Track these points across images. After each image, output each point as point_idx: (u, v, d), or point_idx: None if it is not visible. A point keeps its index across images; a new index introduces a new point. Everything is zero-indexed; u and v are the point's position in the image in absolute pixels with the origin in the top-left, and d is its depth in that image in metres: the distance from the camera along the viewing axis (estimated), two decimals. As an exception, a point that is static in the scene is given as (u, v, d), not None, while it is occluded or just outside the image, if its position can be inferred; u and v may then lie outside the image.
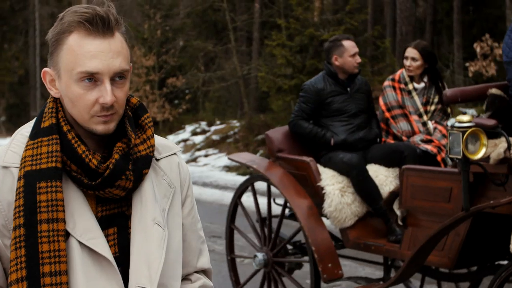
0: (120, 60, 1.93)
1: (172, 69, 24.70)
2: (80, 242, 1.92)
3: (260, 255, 5.82)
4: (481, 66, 14.01)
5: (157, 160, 2.12)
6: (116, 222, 2.00)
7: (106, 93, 1.89)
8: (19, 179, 1.92)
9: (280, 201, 5.89)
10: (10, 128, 36.38)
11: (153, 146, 2.06)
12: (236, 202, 6.19)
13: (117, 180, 1.94)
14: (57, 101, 2.02)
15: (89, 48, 1.89)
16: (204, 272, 2.25)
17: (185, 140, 22.57)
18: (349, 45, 5.64)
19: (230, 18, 21.39)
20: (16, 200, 1.90)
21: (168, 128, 24.20)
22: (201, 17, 25.31)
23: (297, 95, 15.81)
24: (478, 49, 14.05)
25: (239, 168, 17.79)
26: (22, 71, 36.58)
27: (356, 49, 5.67)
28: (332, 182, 5.37)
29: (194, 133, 23.02)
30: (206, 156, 20.49)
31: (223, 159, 19.17)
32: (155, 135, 2.12)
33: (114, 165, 1.94)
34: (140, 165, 2.01)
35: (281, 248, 5.77)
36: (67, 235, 1.92)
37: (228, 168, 18.20)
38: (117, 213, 2.01)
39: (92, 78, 1.90)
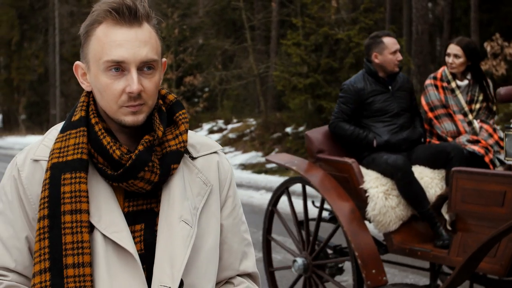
0: (147, 50, 1.90)
1: (189, 68, 24.88)
2: (104, 236, 1.90)
3: (300, 260, 5.58)
4: (491, 65, 14.13)
5: (194, 158, 2.08)
6: (144, 219, 1.97)
7: (132, 82, 1.87)
8: (46, 171, 1.92)
9: (318, 203, 5.68)
10: (30, 127, 36.75)
11: (184, 141, 2.02)
12: (272, 211, 5.92)
13: (140, 171, 1.90)
14: (90, 95, 2.01)
15: (115, 37, 1.88)
16: (249, 276, 2.18)
17: (202, 138, 22.88)
18: (390, 42, 5.41)
19: (247, 17, 21.61)
20: (42, 192, 1.90)
21: (185, 126, 24.32)
22: (220, 15, 25.52)
23: (312, 94, 16.20)
24: (488, 48, 14.17)
25: (255, 166, 17.95)
26: (42, 69, 36.82)
27: (397, 46, 5.41)
28: (375, 185, 5.14)
29: (211, 131, 23.25)
30: (222, 154, 20.69)
31: (239, 157, 19.30)
32: (197, 133, 2.10)
33: (137, 155, 1.90)
34: (169, 159, 1.97)
35: (320, 250, 5.51)
36: (92, 228, 1.90)
37: (244, 166, 18.33)
38: (145, 209, 1.98)
39: (118, 67, 1.88)
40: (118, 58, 1.87)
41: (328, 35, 16.30)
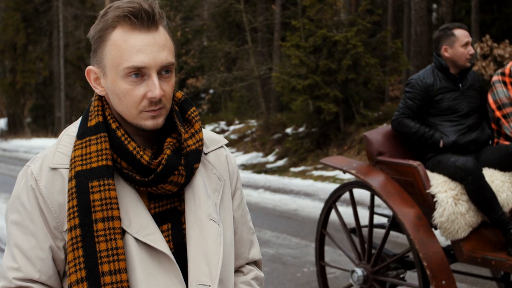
0: (166, 53, 1.90)
1: (192, 70, 25.18)
2: (136, 239, 1.91)
3: (359, 271, 5.27)
4: (481, 66, 14.45)
5: (205, 154, 2.10)
6: (170, 218, 1.98)
7: (154, 87, 1.87)
8: (70, 179, 1.90)
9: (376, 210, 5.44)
10: (35, 129, 37.01)
11: (202, 140, 2.03)
12: (330, 206, 5.61)
13: (170, 175, 1.92)
14: (103, 99, 2.00)
15: (134, 42, 1.87)
16: (255, 263, 2.25)
17: (203, 140, 23.23)
18: (461, 34, 5.12)
19: (248, 20, 21.94)
20: (69, 201, 1.89)
21: (188, 127, 24.66)
22: (224, 18, 25.80)
23: (311, 95, 16.55)
24: (478, 50, 14.47)
25: (255, 166, 18.31)
26: (47, 72, 36.80)
27: (469, 39, 5.13)
28: (444, 189, 4.84)
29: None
30: (224, 155, 21.03)
31: (240, 158, 19.64)
32: (202, 128, 2.10)
33: (167, 160, 1.91)
34: (191, 159, 1.99)
35: (385, 264, 5.19)
36: (123, 232, 1.91)
37: (245, 166, 18.66)
38: (170, 209, 1.99)
39: (139, 73, 1.88)
40: (139, 64, 1.86)
41: (326, 37, 16.53)
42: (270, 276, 7.13)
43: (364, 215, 5.98)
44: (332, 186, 14.10)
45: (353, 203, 5.44)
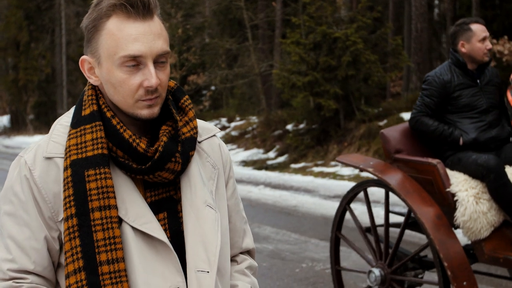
0: (161, 42, 1.90)
1: (193, 67, 25.30)
2: (133, 228, 1.90)
3: (377, 271, 5.16)
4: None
5: (199, 142, 2.10)
6: (166, 207, 1.97)
7: (151, 76, 1.87)
8: (65, 168, 1.89)
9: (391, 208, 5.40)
10: (38, 126, 37.07)
11: (196, 127, 2.04)
12: (344, 208, 5.44)
13: (167, 162, 1.91)
14: (96, 88, 1.99)
15: (130, 31, 1.86)
16: (248, 252, 2.25)
17: (205, 136, 23.37)
18: (478, 29, 5.03)
19: (248, 17, 22.04)
20: (65, 190, 1.88)
21: (189, 124, 24.83)
22: (225, 15, 25.91)
23: (311, 92, 16.64)
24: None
25: (256, 163, 18.43)
26: (49, 69, 36.69)
27: (486, 33, 5.03)
28: (464, 188, 4.74)
29: (214, 129, 23.75)
30: (225, 151, 21.17)
31: (241, 154, 19.81)
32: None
33: (163, 147, 1.91)
34: (187, 147, 1.99)
35: (402, 263, 5.08)
36: (119, 221, 1.89)
37: (245, 163, 18.84)
38: (165, 197, 1.98)
39: (135, 62, 1.88)
40: (135, 53, 1.86)
41: (326, 34, 16.61)
42: (269, 271, 7.19)
43: (377, 214, 5.87)
44: (332, 182, 14.32)
45: (368, 202, 5.33)
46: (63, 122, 2.00)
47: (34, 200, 1.91)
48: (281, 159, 18.29)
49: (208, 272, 1.93)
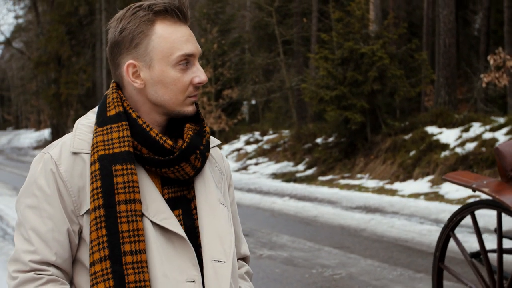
0: (198, 44, 2.09)
1: (228, 81, 25.98)
2: (153, 223, 1.99)
3: None
4: (494, 77, 14.85)
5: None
6: (181, 205, 2.06)
7: (201, 73, 2.05)
8: (93, 163, 1.97)
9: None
10: (78, 139, 37.88)
11: (209, 133, 2.16)
12: (448, 235, 4.92)
13: (192, 154, 2.03)
14: (119, 92, 2.08)
15: (180, 33, 2.03)
16: (244, 259, 2.34)
17: (238, 149, 24.08)
18: None
19: (279, 33, 22.52)
20: (92, 183, 1.96)
21: (223, 138, 25.59)
22: (264, 30, 26.49)
23: (338, 106, 17.09)
24: (491, 61, 14.88)
25: (285, 175, 19.06)
26: (90, 83, 37.58)
27: None
28: None
29: (248, 143, 24.39)
30: (256, 164, 21.87)
31: (272, 167, 20.51)
32: None
33: (190, 139, 2.03)
34: (204, 148, 2.10)
35: None
36: (141, 215, 1.98)
37: (275, 175, 19.45)
38: (180, 196, 2.08)
39: (186, 60, 2.03)
40: (190, 52, 2.02)
41: (353, 50, 17.14)
42: (280, 277, 7.43)
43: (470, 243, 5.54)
44: (355, 194, 14.72)
45: (476, 226, 4.80)
46: (85, 122, 2.08)
47: (59, 193, 1.98)
48: (309, 171, 18.89)
49: (224, 262, 2.05)
